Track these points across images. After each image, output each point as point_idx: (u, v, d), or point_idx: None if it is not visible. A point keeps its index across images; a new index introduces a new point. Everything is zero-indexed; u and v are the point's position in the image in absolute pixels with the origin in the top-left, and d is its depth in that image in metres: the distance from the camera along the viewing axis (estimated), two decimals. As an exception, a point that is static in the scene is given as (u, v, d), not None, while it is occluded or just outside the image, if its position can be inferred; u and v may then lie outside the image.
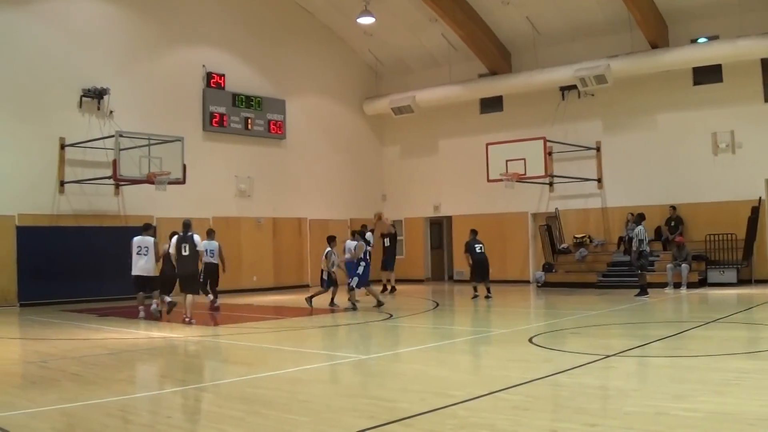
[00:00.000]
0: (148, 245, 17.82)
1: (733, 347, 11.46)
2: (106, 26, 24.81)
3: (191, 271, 17.13)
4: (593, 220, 27.50)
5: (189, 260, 16.88)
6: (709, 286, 23.37)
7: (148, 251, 17.76)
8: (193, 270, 17.16)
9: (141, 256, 17.74)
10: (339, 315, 18.66)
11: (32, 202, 22.63)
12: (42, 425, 7.45)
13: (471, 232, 22.52)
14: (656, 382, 8.85)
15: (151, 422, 7.47)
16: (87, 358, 12.09)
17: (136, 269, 17.78)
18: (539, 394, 8.53)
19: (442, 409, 7.63)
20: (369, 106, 32.93)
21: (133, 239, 18.05)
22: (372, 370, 10.72)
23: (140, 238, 17.94)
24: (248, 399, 8.58)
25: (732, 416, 6.96)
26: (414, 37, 30.71)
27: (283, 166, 29.66)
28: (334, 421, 7.37)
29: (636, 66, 25.59)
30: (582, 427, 6.74)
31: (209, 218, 26.78)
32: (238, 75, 28.31)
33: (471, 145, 29.45)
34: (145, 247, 17.79)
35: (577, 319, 16.29)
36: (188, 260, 16.87)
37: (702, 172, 25.08)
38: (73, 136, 23.32)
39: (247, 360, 11.84)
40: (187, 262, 16.90)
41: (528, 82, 28.14)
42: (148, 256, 17.74)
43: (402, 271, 31.45)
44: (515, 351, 12.04)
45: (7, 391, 9.33)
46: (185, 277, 17.16)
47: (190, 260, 16.90)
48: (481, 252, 22.04)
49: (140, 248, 17.78)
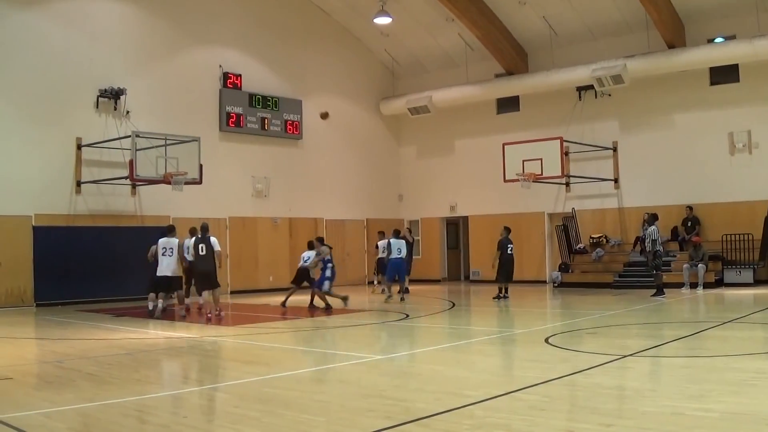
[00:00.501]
0: (173, 246, 18.44)
1: (750, 347, 11.40)
2: (123, 27, 24.91)
3: (208, 269, 17.96)
4: (610, 220, 27.41)
5: (206, 259, 17.89)
6: (726, 286, 23.27)
7: (173, 252, 18.40)
8: (209, 268, 17.96)
9: (165, 257, 18.29)
10: (356, 315, 18.65)
11: (49, 203, 22.75)
12: (59, 425, 7.49)
13: (504, 230, 22.18)
14: (672, 383, 8.82)
15: (168, 422, 7.49)
16: (103, 358, 12.14)
17: (162, 270, 18.26)
18: (556, 394, 8.51)
19: (459, 409, 7.62)
20: (385, 106, 32.94)
21: (159, 241, 18.51)
22: (388, 370, 10.72)
23: (165, 240, 18.46)
24: (265, 399, 8.59)
25: (749, 417, 6.93)
26: (430, 37, 30.70)
27: (299, 166, 29.70)
28: (350, 422, 7.37)
29: (653, 66, 25.49)
30: (598, 428, 6.72)
31: (226, 218, 26.93)
32: (255, 75, 28.37)
33: (487, 145, 29.40)
34: (170, 248, 18.40)
35: (593, 319, 16.24)
36: (205, 259, 17.89)
37: (718, 172, 24.97)
38: (90, 137, 23.43)
39: (263, 360, 11.85)
40: (204, 261, 17.90)
41: (545, 82, 28.08)
42: (173, 257, 18.38)
43: (418, 271, 31.48)
44: (532, 351, 12.01)
45: (24, 391, 9.38)
46: (203, 275, 18.05)
47: (208, 259, 17.89)
48: (510, 253, 21.87)
49: (165, 249, 18.35)
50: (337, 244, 30.66)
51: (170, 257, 18.28)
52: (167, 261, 18.25)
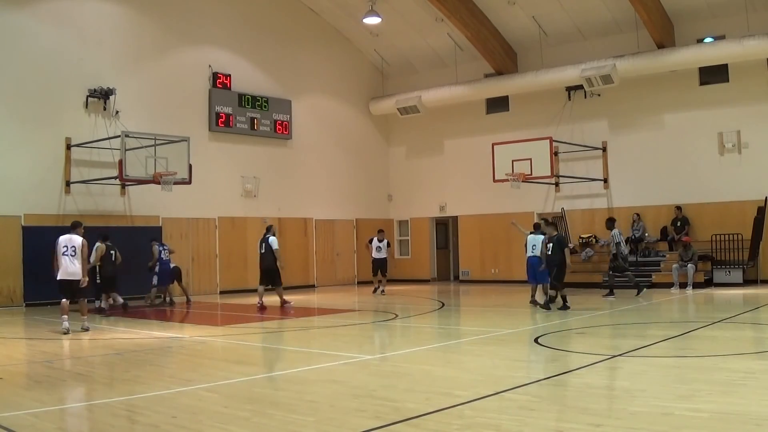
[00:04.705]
0: (75, 245, 15.74)
1: (740, 347, 11.44)
2: (113, 26, 24.83)
3: (266, 267, 20.74)
4: (599, 220, 27.35)
5: (265, 257, 20.62)
6: (715, 286, 23.34)
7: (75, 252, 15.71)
8: (267, 266, 20.67)
9: (66, 257, 15.63)
10: (346, 315, 18.65)
11: (38, 203, 22.68)
12: (48, 425, 7.47)
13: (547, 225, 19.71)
14: (662, 382, 8.83)
15: (157, 422, 7.47)
16: (92, 358, 12.11)
17: (62, 273, 15.66)
18: (545, 394, 8.53)
19: (448, 409, 7.63)
20: (375, 106, 32.93)
21: (60, 238, 15.97)
22: (378, 370, 10.72)
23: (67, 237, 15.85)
24: (254, 399, 8.58)
25: (738, 416, 6.95)
26: (420, 37, 30.71)
27: (289, 166, 29.68)
28: (339, 422, 7.36)
29: (642, 66, 25.54)
30: (587, 428, 6.73)
31: (215, 218, 26.88)
32: (244, 75, 28.33)
33: (477, 145, 29.44)
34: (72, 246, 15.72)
35: (582, 319, 16.25)
36: (265, 257, 20.64)
37: (708, 172, 25.05)
38: (79, 137, 23.36)
39: (253, 360, 11.85)
40: (263, 260, 20.77)
41: (534, 82, 28.10)
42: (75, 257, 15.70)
43: (407, 271, 31.56)
44: (521, 351, 12.03)
45: (14, 391, 9.34)
46: (264, 272, 20.86)
47: (267, 257, 20.55)
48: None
49: (66, 248, 15.72)
50: (327, 244, 30.73)
51: (72, 257, 15.58)
52: (67, 262, 15.56)
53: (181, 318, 19.86)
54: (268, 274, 20.81)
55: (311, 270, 30.01)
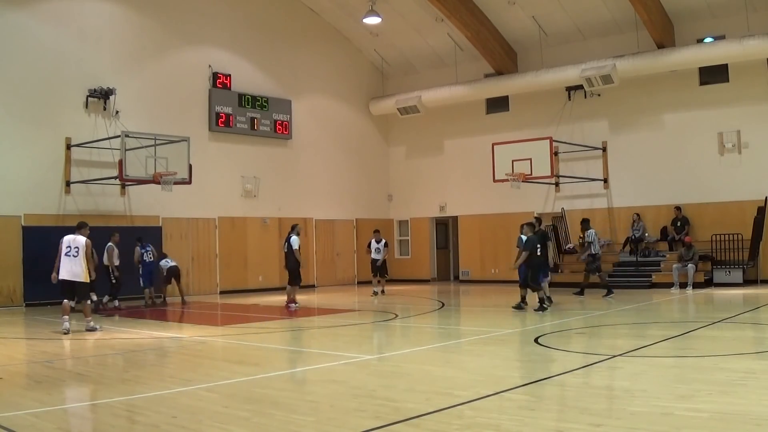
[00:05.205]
0: (78, 246, 15.62)
1: (740, 347, 11.44)
2: (113, 26, 24.83)
3: (287, 266, 20.55)
4: (599, 220, 27.40)
5: (287, 257, 20.50)
6: (715, 286, 23.34)
7: (78, 252, 15.59)
8: (288, 265, 20.47)
9: (68, 258, 15.57)
10: (346, 315, 18.65)
11: (38, 203, 22.68)
12: (48, 425, 7.46)
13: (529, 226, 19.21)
14: (662, 383, 8.82)
15: (157, 422, 7.46)
16: (93, 358, 12.11)
17: (63, 273, 15.61)
18: (545, 394, 8.53)
19: (448, 409, 7.63)
20: (375, 106, 32.93)
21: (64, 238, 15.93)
22: (378, 370, 10.71)
23: (71, 237, 15.83)
24: (254, 399, 8.58)
25: (738, 416, 6.95)
26: (420, 37, 30.71)
27: (289, 166, 29.67)
28: (339, 422, 7.36)
29: (642, 66, 25.53)
30: (587, 428, 6.73)
31: (215, 218, 26.88)
32: (244, 75, 28.32)
33: (477, 145, 29.44)
34: (75, 247, 15.63)
35: (582, 319, 16.26)
36: (286, 257, 20.53)
37: (708, 172, 25.05)
38: (79, 137, 23.36)
39: (253, 360, 11.83)
40: (286, 259, 20.67)
41: (534, 82, 28.10)
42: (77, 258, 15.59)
43: (407, 271, 31.56)
44: (521, 351, 12.02)
45: (14, 391, 9.34)
46: (288, 272, 20.60)
47: (288, 257, 20.40)
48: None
49: (69, 248, 15.67)
50: (327, 244, 30.73)
51: (74, 258, 15.50)
52: (69, 262, 15.50)
53: (181, 318, 19.86)
54: (289, 273, 20.62)
55: (311, 270, 29.98)
